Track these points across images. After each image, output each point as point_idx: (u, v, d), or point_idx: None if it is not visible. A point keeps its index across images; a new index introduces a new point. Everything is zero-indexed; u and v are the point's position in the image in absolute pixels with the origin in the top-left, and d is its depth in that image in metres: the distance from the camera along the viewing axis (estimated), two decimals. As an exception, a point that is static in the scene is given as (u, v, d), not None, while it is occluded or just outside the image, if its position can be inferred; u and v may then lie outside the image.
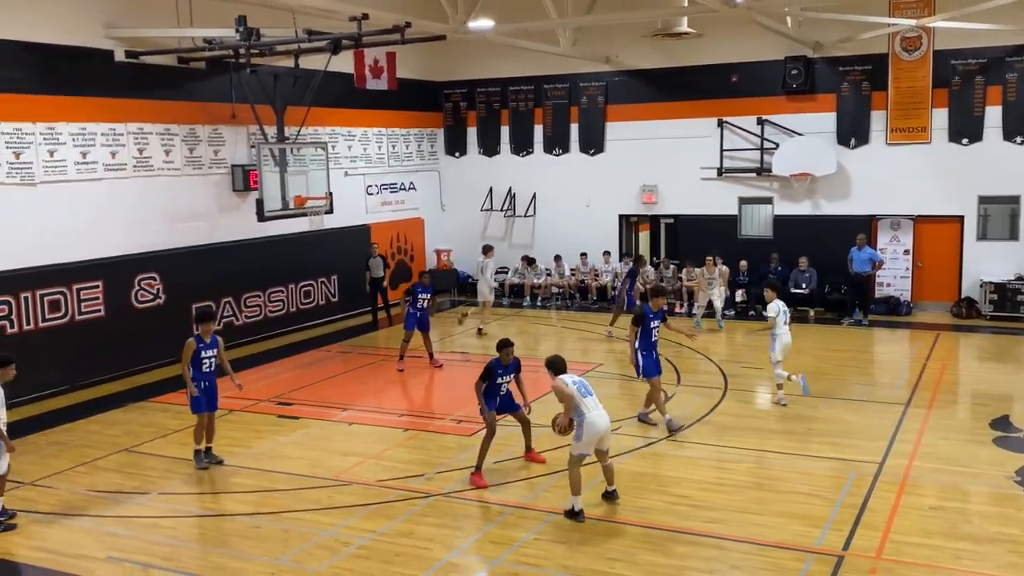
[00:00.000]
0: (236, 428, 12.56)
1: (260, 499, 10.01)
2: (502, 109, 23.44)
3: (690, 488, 9.97)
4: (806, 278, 19.76)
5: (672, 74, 21.35)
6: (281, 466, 10.98)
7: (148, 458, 11.41)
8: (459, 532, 9.07)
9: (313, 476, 10.61)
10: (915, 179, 19.57)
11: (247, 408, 13.53)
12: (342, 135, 20.82)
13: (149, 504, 9.97)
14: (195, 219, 17.08)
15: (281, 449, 11.70)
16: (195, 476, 10.77)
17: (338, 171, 20.19)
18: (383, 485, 10.28)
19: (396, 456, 11.33)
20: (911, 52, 19.39)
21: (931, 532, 8.74)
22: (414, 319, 15.47)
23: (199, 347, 10.88)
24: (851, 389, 14.06)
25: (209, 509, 9.88)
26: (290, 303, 19.07)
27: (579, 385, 9.31)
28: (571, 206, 22.61)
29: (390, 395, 14.66)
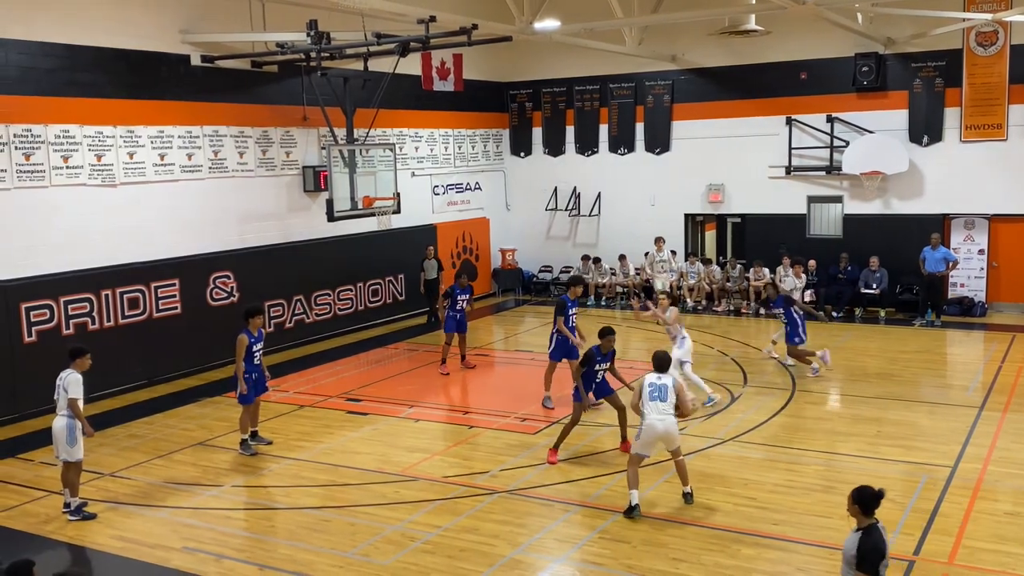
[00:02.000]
0: (306, 423, 12.76)
1: (329, 493, 10.14)
2: (567, 109, 23.38)
3: (757, 490, 9.82)
4: (877, 278, 19.30)
5: (739, 72, 21.05)
6: (350, 461, 11.12)
7: (221, 452, 11.66)
8: (523, 529, 9.08)
9: (380, 471, 10.72)
10: (990, 177, 18.96)
11: (317, 404, 13.74)
12: (409, 136, 21.00)
13: (222, 496, 10.19)
14: (267, 219, 17.39)
15: (350, 444, 11.84)
16: (266, 470, 10.98)
17: (405, 172, 20.37)
18: (449, 481, 10.34)
19: (461, 453, 11.39)
20: (987, 47, 18.79)
21: (1006, 538, 8.47)
22: (453, 321, 15.48)
23: (251, 341, 11.26)
24: (923, 391, 13.69)
25: (279, 502, 10.05)
26: (358, 301, 19.30)
27: (655, 388, 9.43)
28: (636, 205, 22.45)
29: (455, 392, 14.74)
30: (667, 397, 9.44)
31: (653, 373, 9.63)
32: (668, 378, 9.59)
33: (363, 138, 17.76)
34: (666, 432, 9.42)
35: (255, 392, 11.52)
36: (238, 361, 11.21)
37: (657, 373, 9.61)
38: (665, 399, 9.44)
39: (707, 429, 11.99)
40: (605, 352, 10.92)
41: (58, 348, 13.63)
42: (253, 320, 11.35)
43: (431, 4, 14.76)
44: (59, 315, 13.78)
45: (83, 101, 14.22)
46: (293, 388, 14.61)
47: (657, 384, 9.49)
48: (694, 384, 12.84)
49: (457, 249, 22.26)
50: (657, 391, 9.43)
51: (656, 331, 18.40)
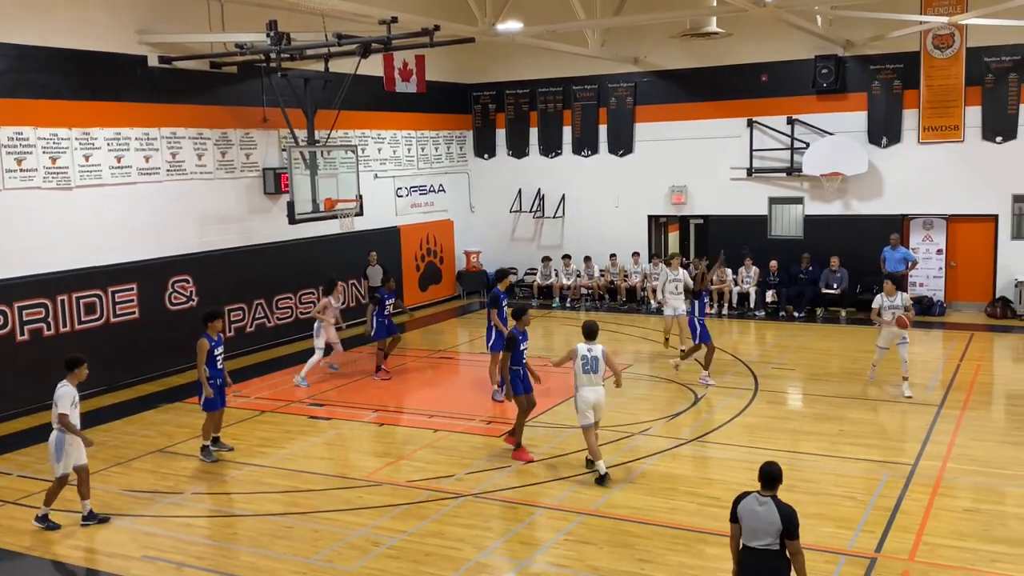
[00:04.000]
0: (268, 429, 12.66)
1: (292, 499, 10.08)
2: (531, 111, 23.44)
3: (721, 489, 9.91)
4: (837, 278, 19.58)
5: (701, 74, 21.24)
6: (312, 466, 11.07)
7: (182, 459, 11.53)
8: (489, 533, 9.09)
9: (344, 477, 10.68)
10: (948, 178, 19.32)
11: (279, 409, 13.63)
12: (372, 138, 20.92)
13: (183, 504, 10.09)
14: (227, 222, 17.24)
15: (312, 450, 11.78)
16: (228, 477, 10.88)
17: (368, 174, 20.29)
18: (413, 486, 10.32)
19: (426, 457, 11.37)
20: (943, 50, 19.15)
21: (965, 535, 8.64)
22: (384, 328, 15.40)
23: (212, 345, 11.13)
24: (883, 390, 13.90)
25: (242, 509, 9.96)
26: (321, 305, 19.14)
27: (586, 360, 10.08)
28: (600, 207, 22.57)
29: (419, 396, 14.70)
30: (599, 368, 10.12)
31: (584, 343, 10.19)
32: (598, 348, 10.18)
33: (324, 140, 17.67)
34: (597, 401, 10.16)
35: (221, 401, 11.39)
36: (200, 366, 11.09)
37: (588, 344, 10.16)
38: (597, 370, 10.12)
39: (670, 429, 12.09)
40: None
41: (10, 355, 13.45)
42: (212, 324, 11.24)
43: (393, 5, 14.73)
44: (13, 321, 13.54)
45: (37, 103, 13.99)
46: (255, 393, 14.48)
47: (588, 356, 10.10)
48: None
49: (421, 252, 22.21)
50: (589, 363, 10.08)
51: (621, 335, 18.52)
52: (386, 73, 17.39)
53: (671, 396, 13.78)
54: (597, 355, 10.12)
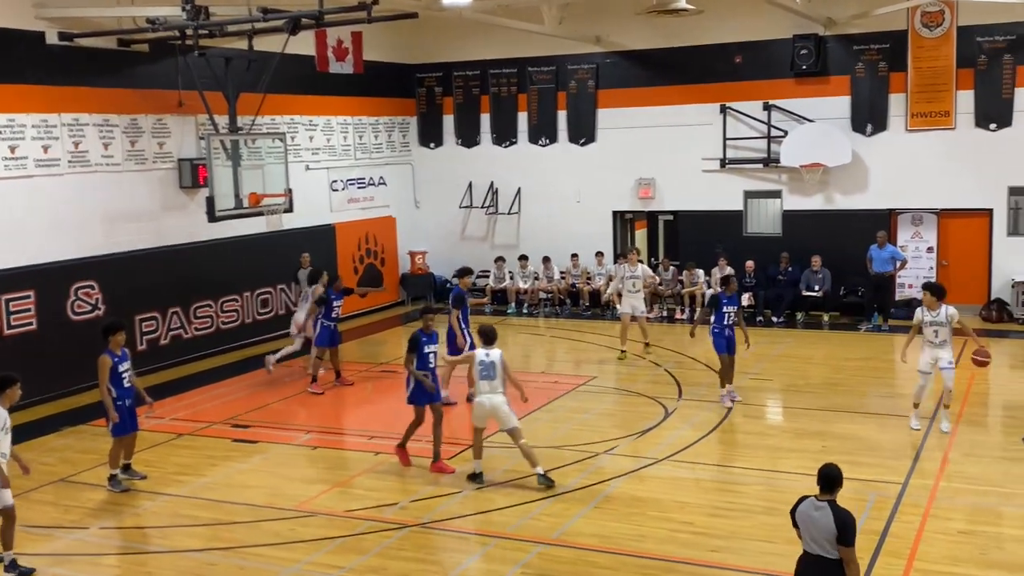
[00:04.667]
0: (186, 454, 12.50)
1: (214, 533, 9.95)
2: (482, 95, 23.46)
3: (694, 513, 10.00)
4: (819, 279, 19.87)
5: (669, 55, 21.44)
6: (237, 496, 10.94)
7: (87, 489, 11.34)
8: (437, 567, 9.07)
9: (273, 507, 10.57)
10: (938, 169, 19.72)
11: (198, 431, 13.48)
12: (303, 125, 20.78)
13: (89, 540, 9.92)
14: (138, 220, 17.00)
15: (237, 477, 11.66)
16: (140, 508, 10.72)
17: (298, 165, 20.16)
18: (352, 516, 10.26)
19: (366, 483, 11.30)
20: (932, 28, 19.55)
21: (960, 559, 8.81)
22: (328, 332, 15.37)
23: (115, 362, 10.93)
24: (870, 402, 14.14)
25: (157, 545, 9.83)
26: (246, 313, 19.00)
27: (483, 366, 10.62)
28: (560, 202, 22.66)
29: (359, 415, 14.63)
30: (495, 375, 10.62)
31: (482, 348, 10.75)
32: (496, 354, 10.68)
33: (248, 127, 17.52)
34: (493, 409, 10.66)
35: (131, 425, 11.19)
36: (102, 387, 10.89)
37: (486, 348, 10.69)
38: (493, 377, 10.62)
39: (639, 448, 12.17)
40: (429, 333, 11.65)
41: None
42: (114, 338, 11.03)
43: (326, -24, 14.65)
44: None
45: (-84, 84, 13.70)
46: (170, 414, 14.30)
47: (486, 362, 10.65)
48: None
49: (360, 252, 22.11)
50: (485, 369, 10.62)
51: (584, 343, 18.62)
52: (318, 52, 17.30)
53: (639, 411, 13.88)
54: (495, 360, 10.64)
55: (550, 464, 11.49)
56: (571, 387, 15.26)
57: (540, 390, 15.28)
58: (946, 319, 12.16)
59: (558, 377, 16.08)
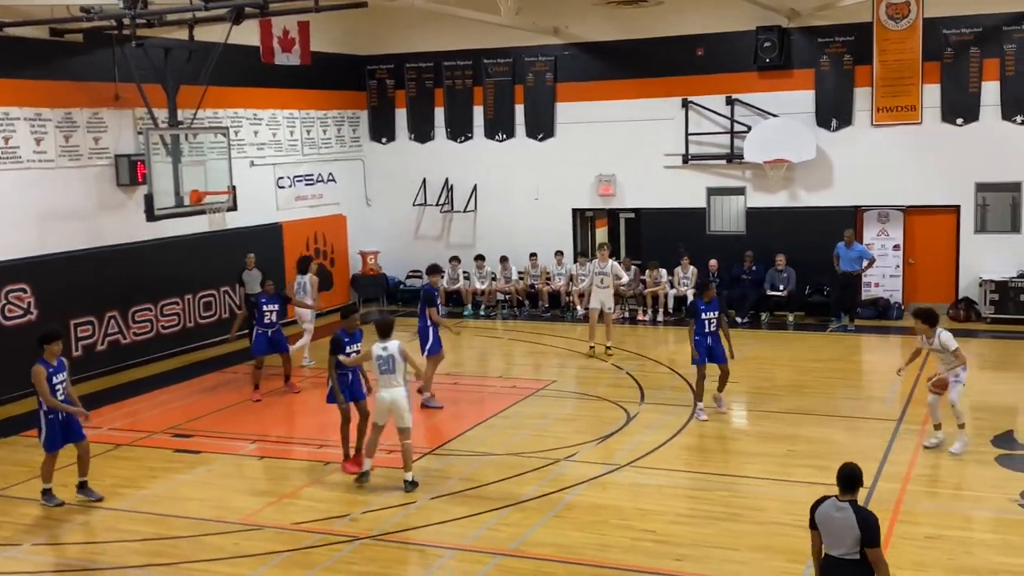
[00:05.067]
0: (125, 465, 12.36)
1: (155, 548, 9.85)
2: (436, 88, 23.42)
3: (656, 521, 10.05)
4: (784, 279, 20.07)
5: (630, 47, 21.55)
6: (179, 509, 10.84)
7: (20, 503, 11.16)
8: (390, 580, 9.03)
9: (218, 520, 10.48)
10: (905, 165, 20.00)
11: (138, 441, 13.33)
12: (247, 118, 20.61)
13: (21, 558, 9.76)
14: (72, 219, 16.77)
15: (179, 489, 11.55)
16: (76, 523, 10.57)
17: (243, 160, 20.00)
18: (300, 528, 10.19)
19: (315, 494, 11.24)
20: (898, 21, 19.83)
21: (926, 565, 8.93)
22: (264, 340, 15.33)
23: (49, 372, 10.70)
24: (837, 404, 14.30)
25: (94, 562, 9.69)
26: (187, 317, 18.80)
27: (381, 361, 10.83)
28: (517, 200, 22.68)
29: (308, 423, 14.53)
30: (393, 368, 10.82)
31: (379, 343, 10.91)
32: (394, 346, 10.88)
33: (189, 121, 17.36)
34: (392, 402, 10.82)
35: (63, 438, 10.96)
36: (46, 397, 10.64)
37: (382, 342, 10.90)
38: (392, 370, 10.82)
39: (600, 454, 12.21)
40: (352, 332, 11.81)
41: None
42: (49, 347, 10.80)
43: (270, -37, 14.56)
44: None
45: None
46: (108, 423, 14.12)
47: (383, 356, 10.85)
48: None
49: (308, 252, 21.96)
50: (384, 363, 10.84)
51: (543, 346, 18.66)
52: (263, 43, 17.21)
53: (600, 416, 13.93)
54: (392, 353, 10.85)
55: (508, 472, 11.53)
56: (530, 392, 15.29)
57: (497, 395, 15.34)
58: (940, 346, 11.82)
59: (516, 381, 16.10)
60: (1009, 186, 19.51)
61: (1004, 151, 19.33)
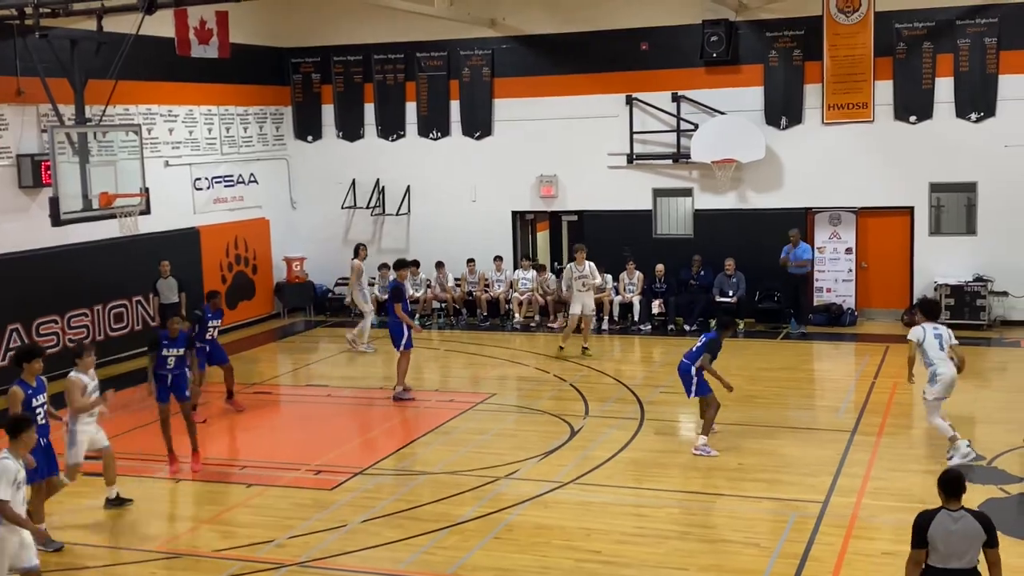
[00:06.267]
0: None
1: (62, 580, 9.65)
2: (366, 83, 23.34)
3: (601, 541, 10.09)
4: (733, 284, 20.29)
5: (570, 41, 21.67)
6: (89, 537, 10.69)
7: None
8: (319, 610, 8.97)
9: (131, 548, 10.36)
10: (857, 165, 20.35)
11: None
12: (161, 115, 20.36)
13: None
14: (-30, 224, 16.47)
15: (87, 515, 11.36)
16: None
17: (156, 160, 19.76)
18: (221, 556, 10.08)
19: (238, 519, 11.15)
20: (848, 14, 20.18)
21: (884, 582, 9.09)
22: (204, 355, 15.22)
23: (28, 394, 10.18)
24: (789, 415, 14.50)
25: (-6, 596, 9.47)
26: (97, 329, 18.51)
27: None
28: (454, 202, 22.66)
29: (228, 442, 14.37)
30: None
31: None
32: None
33: (98, 118, 17.13)
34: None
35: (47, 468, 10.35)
36: None
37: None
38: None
39: (543, 471, 12.23)
40: (174, 336, 12.54)
41: None
42: (29, 365, 10.26)
43: (186, -51, 14.43)
44: None
45: None
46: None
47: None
48: None
49: (228, 259, 21.75)
50: None
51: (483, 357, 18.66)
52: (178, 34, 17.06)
53: (542, 430, 13.96)
54: None
55: (445, 492, 11.50)
56: (468, 406, 15.28)
57: (433, 410, 15.31)
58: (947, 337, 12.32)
59: (453, 395, 16.08)
60: (964, 186, 19.94)
61: (959, 150, 19.74)
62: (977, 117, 19.69)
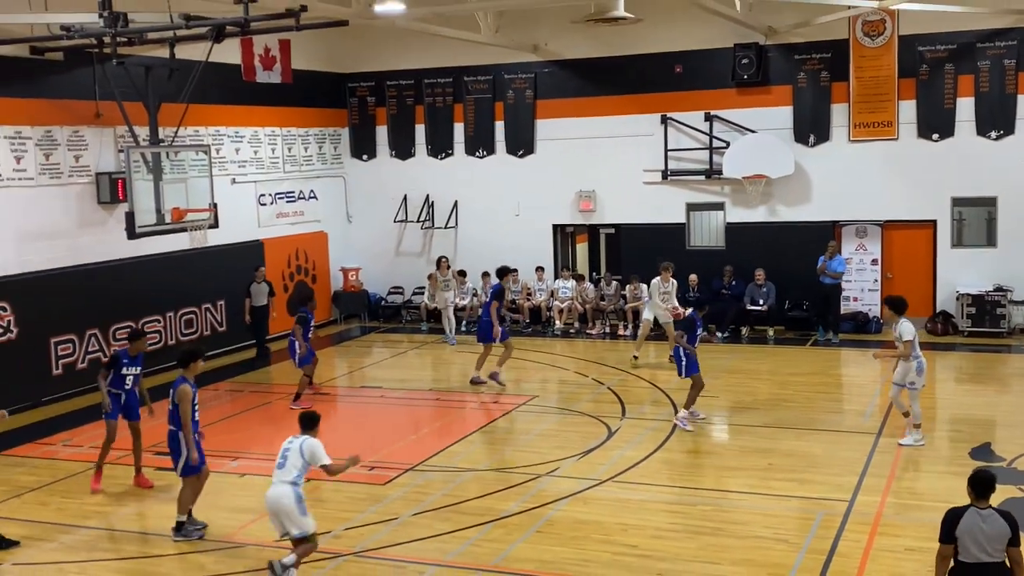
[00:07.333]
0: (107, 484, 12.25)
1: (138, 567, 9.79)
2: (416, 105, 23.46)
3: (638, 536, 10.06)
4: (763, 293, 20.14)
5: (608, 64, 21.66)
6: (162, 527, 10.74)
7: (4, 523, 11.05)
8: (372, 597, 9.00)
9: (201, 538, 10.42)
10: (882, 180, 20.15)
11: (119, 460, 13.21)
12: (228, 136, 20.58)
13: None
14: (53, 237, 16.70)
15: (161, 507, 11.44)
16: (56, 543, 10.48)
17: (224, 178, 19.94)
18: (282, 546, 10.13)
19: (297, 511, 11.20)
20: (874, 38, 20.02)
21: (907, 576, 8.99)
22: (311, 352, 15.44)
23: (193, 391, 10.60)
24: (817, 418, 14.36)
25: (74, 581, 9.62)
26: (168, 335, 18.72)
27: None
28: (498, 216, 22.71)
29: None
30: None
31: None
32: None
33: (171, 139, 17.33)
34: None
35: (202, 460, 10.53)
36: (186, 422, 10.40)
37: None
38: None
39: (582, 469, 12.21)
40: (134, 355, 11.94)
41: None
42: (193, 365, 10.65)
43: (251, -19, 14.57)
44: None
45: None
46: (88, 441, 14.01)
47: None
48: None
49: (290, 269, 21.93)
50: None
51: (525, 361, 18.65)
52: (244, 61, 17.22)
53: (581, 431, 13.93)
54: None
55: (490, 488, 11.52)
56: (511, 407, 15.30)
57: (479, 411, 15.34)
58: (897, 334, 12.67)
59: (498, 397, 16.10)
60: (985, 200, 19.70)
61: (979, 166, 19.51)
62: (997, 135, 19.43)
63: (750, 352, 19.07)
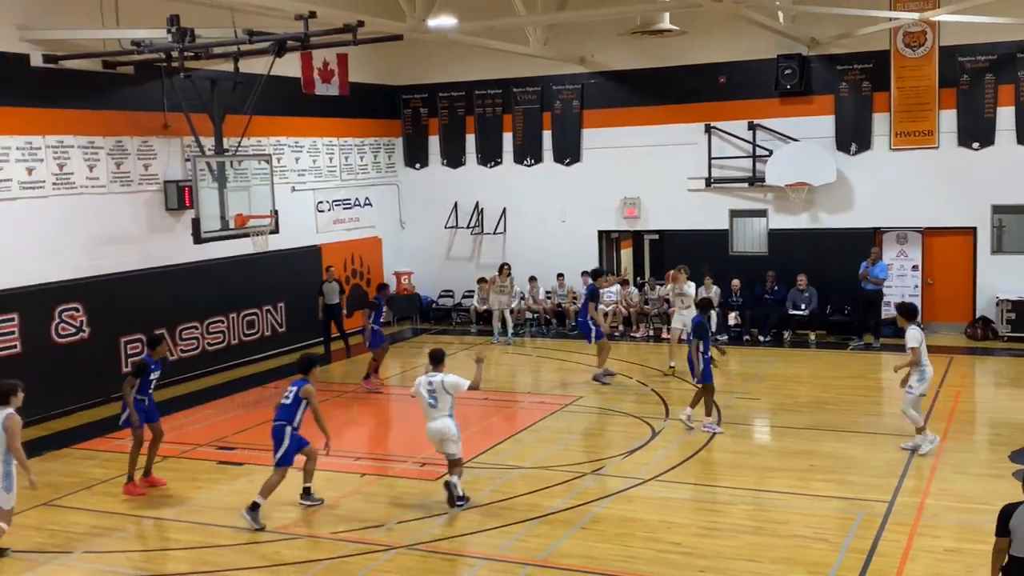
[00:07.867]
0: (171, 477, 12.44)
1: (199, 556, 9.91)
2: (467, 115, 23.56)
3: (681, 534, 10.01)
4: (805, 298, 19.95)
5: (654, 75, 21.58)
6: (223, 519, 10.88)
7: (71, 512, 11.27)
8: (424, 589, 9.05)
9: (258, 529, 10.52)
10: (923, 188, 19.88)
11: (184, 454, 13.43)
12: (288, 146, 20.82)
13: (73, 565, 9.85)
14: (123, 242, 16.97)
15: (222, 499, 11.60)
16: (123, 532, 10.66)
17: (284, 186, 20.18)
18: (337, 538, 10.24)
19: (352, 505, 11.28)
20: (915, 48, 19.76)
21: (946, 577, 8.85)
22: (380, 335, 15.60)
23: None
24: (857, 421, 14.18)
25: (142, 569, 9.77)
26: (231, 335, 18.97)
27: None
28: (545, 222, 22.72)
29: (345, 436, 14.54)
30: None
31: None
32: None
33: (234, 148, 17.54)
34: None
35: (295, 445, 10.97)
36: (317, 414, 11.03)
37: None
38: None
39: (626, 468, 12.17)
40: (158, 360, 11.86)
41: None
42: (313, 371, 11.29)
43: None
44: None
45: (-100, 107, 13.69)
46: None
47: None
48: None
49: (346, 273, 22.11)
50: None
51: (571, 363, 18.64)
52: (304, 74, 17.36)
53: (625, 431, 13.90)
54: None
55: (537, 485, 11.53)
56: (557, 407, 15.29)
57: (526, 410, 15.36)
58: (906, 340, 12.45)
59: (544, 397, 16.11)
60: (1024, 208, 19.37)
61: (1020, 174, 19.17)
62: (1037, 143, 19.10)
63: (792, 356, 18.89)
